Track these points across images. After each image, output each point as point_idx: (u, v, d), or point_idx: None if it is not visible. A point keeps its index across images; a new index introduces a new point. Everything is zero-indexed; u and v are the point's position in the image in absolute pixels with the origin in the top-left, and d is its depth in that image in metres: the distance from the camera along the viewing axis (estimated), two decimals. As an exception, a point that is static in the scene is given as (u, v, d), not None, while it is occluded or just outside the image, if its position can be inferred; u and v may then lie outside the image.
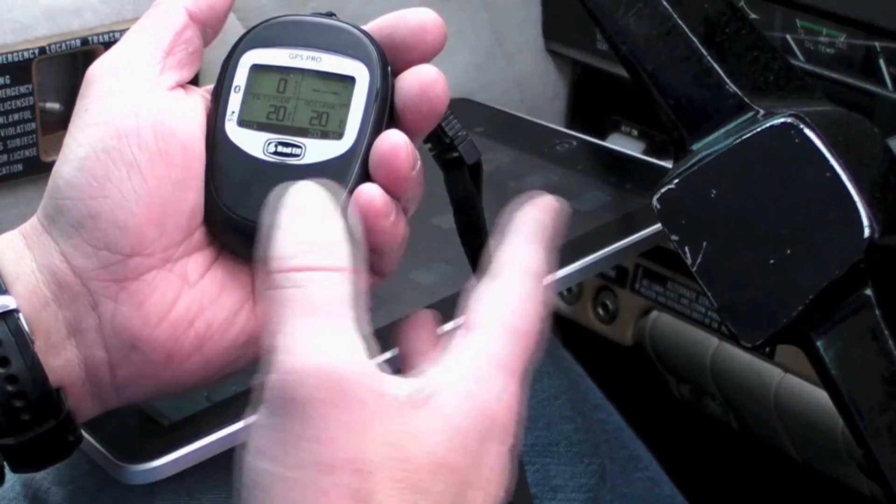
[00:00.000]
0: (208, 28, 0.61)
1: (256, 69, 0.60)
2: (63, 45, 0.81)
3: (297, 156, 0.59)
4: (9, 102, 0.81)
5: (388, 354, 0.60)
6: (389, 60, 0.60)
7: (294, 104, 0.59)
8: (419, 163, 0.59)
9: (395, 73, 0.60)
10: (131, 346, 0.58)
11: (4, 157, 0.82)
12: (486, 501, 0.51)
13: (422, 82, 0.59)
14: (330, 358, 0.49)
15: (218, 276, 0.60)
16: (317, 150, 0.59)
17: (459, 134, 0.61)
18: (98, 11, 0.82)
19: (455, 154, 0.61)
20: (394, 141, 0.58)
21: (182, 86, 0.60)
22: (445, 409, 0.51)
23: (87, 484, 0.68)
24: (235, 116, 0.60)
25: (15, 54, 0.80)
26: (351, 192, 0.58)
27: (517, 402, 0.53)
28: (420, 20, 0.60)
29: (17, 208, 0.84)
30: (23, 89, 0.81)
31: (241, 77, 0.60)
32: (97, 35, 0.82)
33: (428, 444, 0.50)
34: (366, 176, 0.58)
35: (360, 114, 0.59)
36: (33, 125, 0.82)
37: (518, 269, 0.55)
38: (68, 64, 0.84)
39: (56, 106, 0.85)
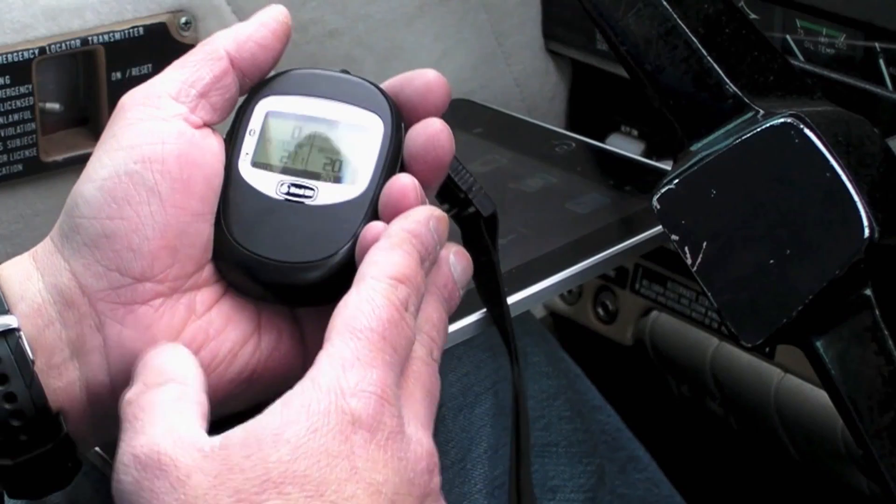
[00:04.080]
0: (247, 78, 0.61)
1: (272, 115, 0.61)
2: (63, 45, 0.81)
3: (310, 197, 0.60)
4: (9, 102, 0.81)
5: None
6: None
7: (308, 150, 0.60)
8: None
9: (406, 128, 0.61)
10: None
11: (4, 157, 0.82)
12: (369, 491, 0.51)
13: (427, 132, 0.60)
14: (144, 443, 0.52)
15: (224, 310, 0.60)
16: (329, 193, 0.60)
17: (473, 188, 0.62)
18: (98, 11, 0.82)
19: (472, 209, 0.62)
20: (404, 184, 0.59)
21: (209, 125, 0.61)
22: (262, 432, 0.51)
23: (85, 485, 0.68)
24: (249, 157, 0.61)
25: (15, 54, 0.80)
26: (359, 232, 0.58)
27: (384, 389, 0.53)
28: (425, 81, 0.62)
29: (16, 208, 0.84)
30: (23, 89, 0.81)
31: (256, 122, 0.61)
32: (97, 35, 0.82)
33: (255, 467, 0.51)
34: (376, 219, 0.59)
35: (373, 162, 0.60)
36: (33, 125, 0.82)
37: (368, 276, 0.56)
38: (68, 64, 0.84)
39: (56, 106, 0.85)
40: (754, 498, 1.12)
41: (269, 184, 0.60)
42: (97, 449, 0.65)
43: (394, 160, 0.60)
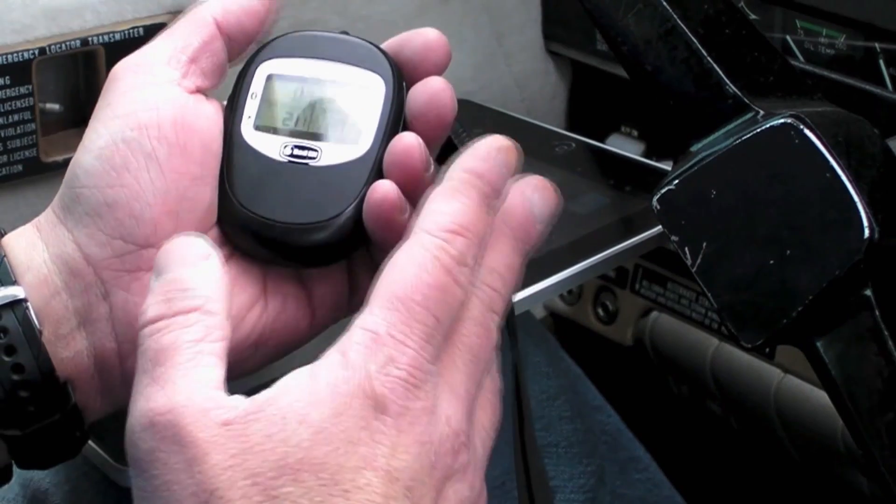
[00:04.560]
0: (234, 43, 0.61)
1: (273, 78, 0.61)
2: (63, 45, 0.81)
3: (314, 158, 0.59)
4: (9, 103, 0.81)
5: None
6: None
7: (310, 112, 0.60)
8: (433, 166, 0.59)
9: (407, 87, 0.61)
10: None
11: (4, 158, 0.82)
12: (385, 479, 0.50)
13: (428, 91, 0.60)
14: (162, 405, 0.50)
15: (230, 274, 0.60)
16: (333, 154, 0.59)
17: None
18: (98, 12, 0.82)
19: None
20: (408, 142, 0.58)
21: (203, 92, 0.61)
22: (287, 409, 0.50)
23: (85, 485, 0.68)
24: (252, 121, 0.60)
25: (15, 54, 0.80)
26: (365, 191, 0.58)
27: (414, 372, 0.51)
28: (424, 41, 0.61)
29: (17, 209, 0.84)
30: (23, 89, 0.81)
31: (257, 85, 0.61)
32: (97, 35, 0.82)
33: (274, 450, 0.49)
34: (381, 177, 0.59)
35: (376, 121, 0.60)
36: (33, 125, 0.82)
37: (421, 229, 0.53)
38: (68, 64, 0.84)
39: (56, 106, 0.85)
40: (754, 498, 1.12)
41: (273, 146, 0.60)
42: (96, 447, 0.65)
43: (396, 119, 0.60)
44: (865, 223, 0.58)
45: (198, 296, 0.53)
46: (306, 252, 0.59)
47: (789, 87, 0.64)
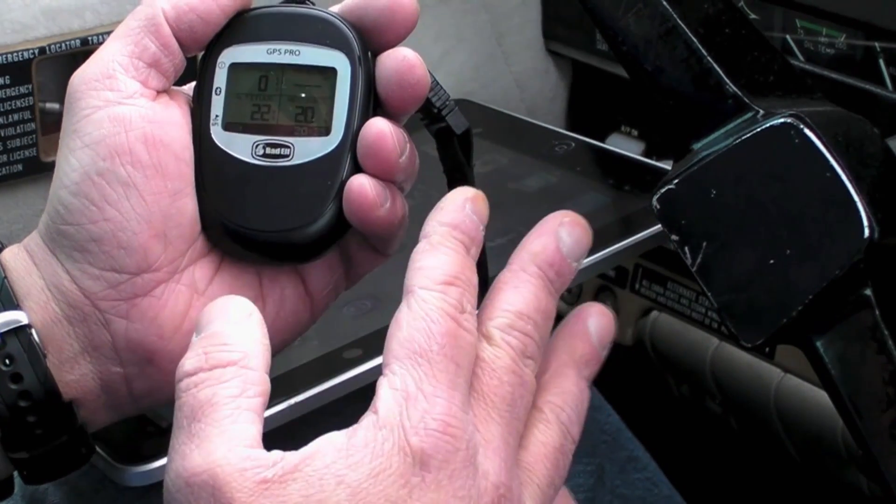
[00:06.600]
0: (185, 49, 0.59)
1: (235, 68, 0.59)
2: (63, 45, 0.81)
3: (287, 156, 0.59)
4: (9, 102, 0.81)
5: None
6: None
7: (277, 101, 0.59)
8: (409, 146, 0.59)
9: (374, 55, 0.59)
10: (147, 360, 0.58)
11: (4, 157, 0.82)
12: None
13: (399, 70, 0.58)
14: (198, 464, 0.49)
15: (226, 281, 0.60)
16: (305, 149, 0.58)
17: (447, 104, 0.60)
18: (98, 11, 0.82)
19: (443, 124, 0.61)
20: (379, 129, 0.57)
21: (166, 90, 0.59)
22: (324, 471, 0.49)
23: (84, 484, 0.68)
24: (220, 120, 0.59)
25: (15, 54, 0.80)
26: (342, 187, 0.58)
27: (448, 422, 0.50)
28: (388, 0, 0.59)
29: (17, 208, 0.84)
30: (23, 89, 0.81)
31: (220, 78, 0.60)
32: (97, 35, 0.82)
33: None
34: (356, 168, 0.58)
35: (345, 105, 0.58)
36: (33, 125, 0.82)
37: (416, 287, 0.53)
38: (68, 64, 0.84)
39: (56, 106, 0.85)
40: (754, 498, 1.12)
41: (244, 147, 0.59)
42: (98, 449, 0.65)
43: (365, 100, 0.58)
44: (865, 223, 0.58)
45: (236, 350, 0.52)
46: (292, 254, 0.59)
47: (789, 87, 0.64)
